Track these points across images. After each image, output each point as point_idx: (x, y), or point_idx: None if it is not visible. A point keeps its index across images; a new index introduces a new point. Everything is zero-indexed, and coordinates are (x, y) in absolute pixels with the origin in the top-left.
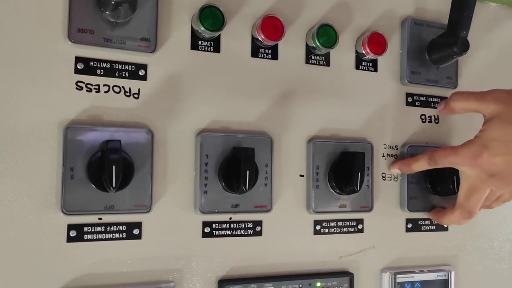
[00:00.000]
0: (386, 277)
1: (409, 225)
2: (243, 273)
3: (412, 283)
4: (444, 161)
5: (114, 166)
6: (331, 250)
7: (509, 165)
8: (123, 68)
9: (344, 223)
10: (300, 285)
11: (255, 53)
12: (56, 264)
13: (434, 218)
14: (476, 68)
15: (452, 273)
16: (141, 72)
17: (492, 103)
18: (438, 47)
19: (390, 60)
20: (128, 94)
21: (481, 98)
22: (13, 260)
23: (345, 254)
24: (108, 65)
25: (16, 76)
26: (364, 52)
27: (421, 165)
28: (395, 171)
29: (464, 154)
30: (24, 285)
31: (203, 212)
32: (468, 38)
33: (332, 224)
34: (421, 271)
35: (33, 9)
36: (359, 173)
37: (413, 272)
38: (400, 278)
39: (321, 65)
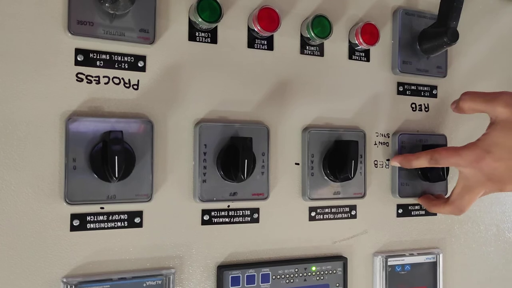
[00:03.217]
0: (378, 261)
1: (400, 211)
2: (241, 259)
3: (403, 265)
4: (445, 162)
5: (116, 157)
6: (326, 236)
7: (509, 170)
8: (122, 59)
9: (338, 210)
10: (296, 270)
11: (251, 44)
12: (60, 253)
13: (424, 205)
14: (465, 58)
15: (441, 255)
16: (140, 64)
17: (500, 106)
18: (428, 37)
19: (382, 50)
20: (127, 85)
21: (489, 100)
22: (18, 249)
23: (339, 239)
24: (108, 57)
25: (17, 68)
26: (357, 42)
27: (421, 163)
28: (395, 164)
29: (466, 157)
30: (29, 273)
31: (202, 200)
32: (457, 29)
33: (326, 210)
34: (411, 254)
35: (33, 1)
36: (353, 161)
37: (404, 255)
38: (391, 261)
39: (316, 55)
